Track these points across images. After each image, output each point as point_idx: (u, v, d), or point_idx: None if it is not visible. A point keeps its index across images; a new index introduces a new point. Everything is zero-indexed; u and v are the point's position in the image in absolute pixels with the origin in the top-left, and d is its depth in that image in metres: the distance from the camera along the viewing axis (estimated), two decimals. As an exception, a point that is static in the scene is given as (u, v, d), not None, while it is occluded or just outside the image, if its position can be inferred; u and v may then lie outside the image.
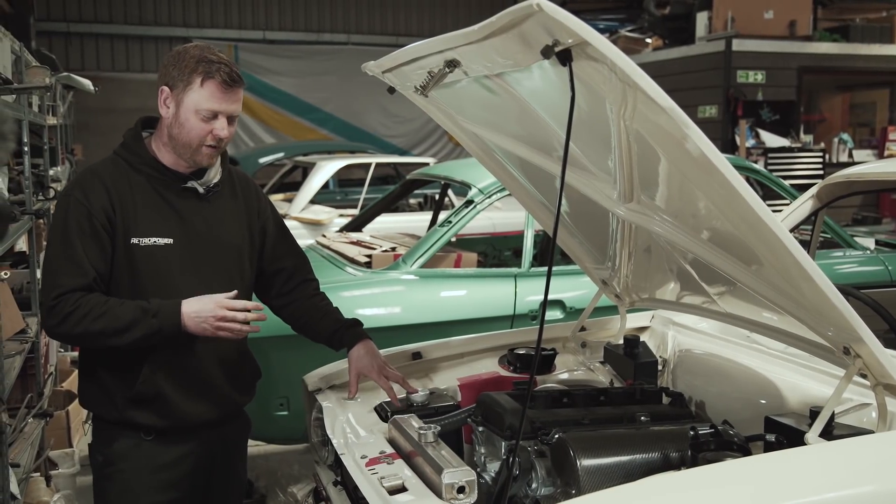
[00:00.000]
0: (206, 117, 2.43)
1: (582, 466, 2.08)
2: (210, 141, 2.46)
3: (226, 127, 2.46)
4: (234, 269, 2.64)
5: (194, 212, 2.55)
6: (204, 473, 2.64)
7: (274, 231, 2.79)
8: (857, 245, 5.26)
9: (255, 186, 2.80)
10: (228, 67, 2.43)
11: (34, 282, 4.35)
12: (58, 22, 14.82)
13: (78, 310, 2.36)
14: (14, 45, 4.48)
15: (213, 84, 2.41)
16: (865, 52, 11.00)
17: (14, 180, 4.48)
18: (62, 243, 2.42)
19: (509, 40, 1.82)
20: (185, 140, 2.46)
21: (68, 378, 5.15)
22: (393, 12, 17.26)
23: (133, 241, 2.45)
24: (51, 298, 2.38)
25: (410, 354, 3.02)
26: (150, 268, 2.47)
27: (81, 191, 2.45)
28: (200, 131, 2.45)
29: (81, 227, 2.41)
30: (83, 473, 4.57)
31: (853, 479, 1.84)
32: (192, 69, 2.41)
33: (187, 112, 2.43)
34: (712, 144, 1.74)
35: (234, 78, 2.44)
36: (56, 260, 2.42)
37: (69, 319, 2.36)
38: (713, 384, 2.83)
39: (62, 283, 2.38)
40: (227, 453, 2.73)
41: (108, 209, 2.43)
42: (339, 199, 10.26)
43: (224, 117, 2.46)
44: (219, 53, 2.49)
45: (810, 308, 2.03)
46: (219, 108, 2.44)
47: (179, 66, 2.43)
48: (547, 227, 3.01)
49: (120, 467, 2.53)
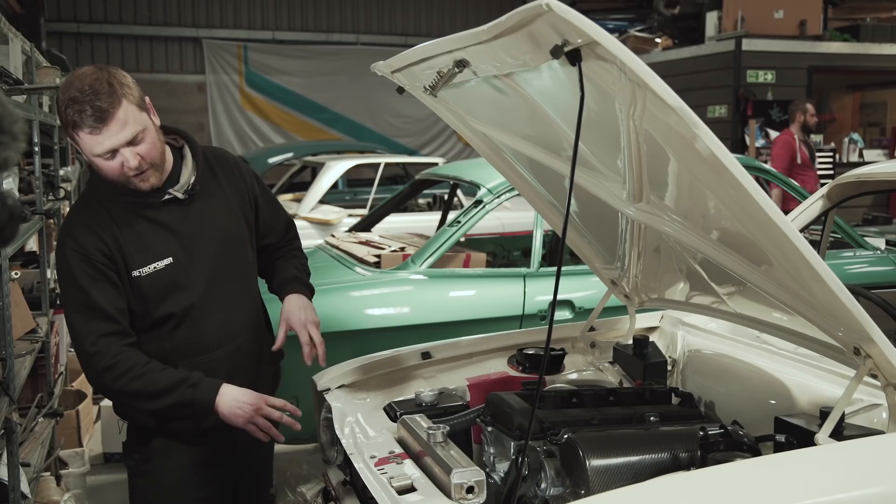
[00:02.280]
0: (108, 157, 2.29)
1: (591, 467, 2.07)
2: (130, 172, 2.32)
3: (132, 155, 2.29)
4: (240, 261, 2.63)
5: (183, 220, 2.49)
6: (235, 471, 2.68)
7: (265, 208, 2.75)
8: (868, 245, 5.24)
9: (233, 162, 2.70)
10: (87, 106, 2.21)
11: (44, 282, 4.37)
12: (68, 22, 14.89)
13: (117, 366, 2.33)
14: (25, 45, 4.50)
15: (83, 134, 2.25)
16: (876, 51, 10.96)
17: (25, 180, 4.49)
18: (76, 294, 2.37)
19: (519, 40, 1.82)
20: (114, 180, 2.36)
21: (78, 377, 5.17)
22: (402, 12, 17.28)
23: (135, 275, 2.42)
24: (89, 345, 2.35)
25: (420, 354, 3.02)
26: (157, 291, 2.44)
27: (72, 240, 2.38)
28: (115, 170, 2.31)
29: (87, 274, 2.36)
30: (93, 473, 4.60)
31: (863, 479, 1.83)
32: (64, 123, 2.28)
33: (91, 158, 2.31)
34: (722, 144, 1.73)
35: (97, 116, 2.22)
36: (78, 312, 2.38)
37: (108, 373, 2.34)
38: (723, 384, 2.82)
39: (92, 330, 2.35)
40: (257, 451, 2.75)
41: (103, 248, 2.38)
42: (348, 199, 10.27)
43: (124, 147, 2.28)
44: (75, 91, 2.23)
45: (820, 308, 2.02)
46: (104, 149, 2.27)
47: (61, 117, 2.29)
48: (556, 227, 3.01)
49: (157, 464, 2.55)
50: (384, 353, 3.01)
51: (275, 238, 2.81)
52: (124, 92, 2.28)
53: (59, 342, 4.64)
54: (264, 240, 2.77)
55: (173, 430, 2.53)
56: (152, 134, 2.35)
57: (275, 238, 2.81)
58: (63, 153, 6.85)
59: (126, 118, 2.26)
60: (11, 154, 1.19)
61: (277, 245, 2.83)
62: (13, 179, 4.06)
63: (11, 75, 3.81)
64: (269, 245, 2.80)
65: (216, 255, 2.54)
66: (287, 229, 2.87)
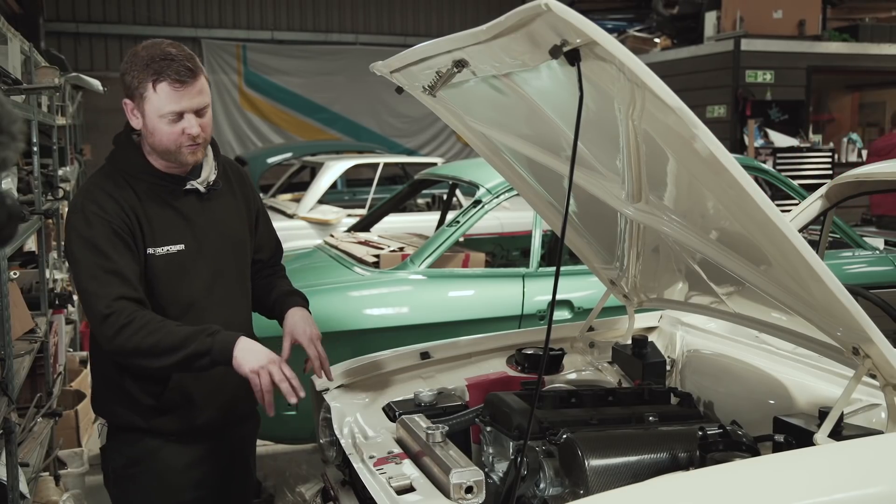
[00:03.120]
0: (173, 119, 2.35)
1: (590, 467, 2.08)
2: (186, 141, 2.38)
3: (195, 123, 2.38)
4: (242, 261, 2.66)
5: (199, 213, 2.53)
6: (223, 472, 2.66)
7: (262, 220, 2.79)
8: (867, 245, 5.24)
9: (244, 173, 2.77)
10: (178, 63, 2.32)
11: (43, 281, 4.37)
12: (67, 22, 14.88)
13: (133, 322, 2.29)
14: (24, 45, 4.51)
15: (165, 86, 2.32)
16: (875, 51, 10.96)
17: (23, 180, 4.49)
18: (95, 258, 2.33)
19: (518, 40, 1.82)
20: (163, 147, 2.40)
21: (77, 377, 5.17)
22: (401, 12, 17.28)
23: (150, 252, 2.43)
24: (104, 307, 2.29)
25: (419, 354, 3.02)
26: (164, 275, 2.45)
27: (95, 204, 2.37)
28: (172, 134, 2.37)
29: (109, 239, 2.34)
30: (92, 473, 4.59)
31: (862, 479, 1.83)
32: (143, 76, 2.32)
33: (153, 119, 2.36)
34: (721, 144, 1.73)
35: (186, 73, 2.33)
36: (94, 277, 2.33)
37: (123, 332, 2.29)
38: (721, 384, 2.82)
39: (109, 293, 2.30)
40: (243, 451, 2.76)
41: (126, 219, 2.39)
42: (347, 199, 10.27)
43: (191, 113, 2.37)
44: (168, 48, 2.36)
45: (819, 308, 2.02)
46: (179, 108, 2.34)
47: (132, 74, 2.35)
48: (555, 227, 3.01)
49: (143, 468, 2.53)
50: (383, 353, 3.01)
51: (266, 255, 2.83)
52: (201, 66, 2.43)
53: (57, 342, 4.64)
54: (256, 254, 2.78)
55: (161, 430, 2.50)
56: (211, 113, 2.46)
57: (266, 255, 2.83)
58: (62, 153, 6.85)
59: (203, 88, 2.40)
60: (10, 154, 1.20)
61: (267, 263, 2.84)
62: (12, 179, 4.06)
63: (10, 75, 3.81)
64: (258, 261, 2.80)
65: (223, 251, 2.57)
66: (277, 250, 2.89)
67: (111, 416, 2.59)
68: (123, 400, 2.51)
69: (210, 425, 2.56)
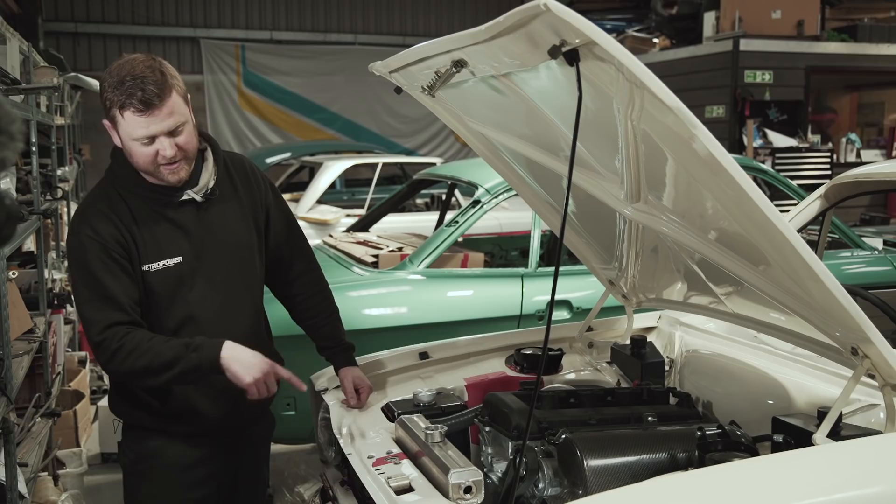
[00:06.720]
0: (146, 143, 2.31)
1: (589, 467, 2.08)
2: (163, 161, 2.34)
3: (169, 145, 2.32)
4: (247, 269, 2.62)
5: (197, 222, 2.50)
6: (231, 471, 2.67)
7: (276, 216, 2.74)
8: (865, 245, 5.25)
9: (253, 172, 2.71)
10: (147, 85, 2.25)
11: (42, 281, 4.37)
12: (66, 22, 14.87)
13: (123, 346, 2.32)
14: (22, 45, 4.51)
15: (129, 112, 2.27)
16: (874, 51, 10.96)
17: (22, 180, 4.49)
18: (89, 283, 2.36)
19: (516, 40, 1.82)
20: (141, 168, 2.37)
21: (76, 377, 5.17)
22: (400, 12, 17.27)
23: (144, 269, 2.42)
24: (95, 335, 2.34)
25: (417, 354, 3.02)
26: (161, 290, 2.44)
27: (89, 227, 2.38)
28: (148, 157, 2.33)
29: (103, 262, 2.35)
30: (91, 473, 4.59)
31: (861, 479, 1.83)
32: (113, 98, 2.28)
33: (127, 142, 2.33)
34: (720, 144, 1.73)
35: (153, 96, 2.26)
36: (89, 301, 2.36)
37: (116, 356, 2.32)
38: (720, 384, 2.83)
39: (102, 318, 2.33)
40: (253, 451, 2.76)
41: (120, 238, 2.38)
42: (345, 199, 10.27)
43: (163, 136, 2.31)
44: (138, 67, 2.28)
45: (818, 308, 2.02)
46: (148, 133, 2.29)
47: (105, 95, 2.31)
48: (554, 228, 3.01)
49: (152, 464, 2.55)
50: (382, 353, 3.01)
51: (300, 269, 2.79)
52: (174, 83, 2.33)
53: (56, 342, 4.63)
54: (289, 269, 2.77)
55: (169, 430, 2.53)
56: (190, 128, 2.39)
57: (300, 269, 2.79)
58: (60, 153, 6.84)
59: (173, 108, 2.31)
60: (9, 154, 1.19)
61: (305, 280, 2.81)
62: (11, 179, 4.06)
63: (9, 75, 3.81)
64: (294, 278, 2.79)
65: (224, 261, 2.54)
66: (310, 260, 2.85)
67: (122, 415, 2.62)
68: (132, 401, 2.55)
69: (217, 426, 2.57)
